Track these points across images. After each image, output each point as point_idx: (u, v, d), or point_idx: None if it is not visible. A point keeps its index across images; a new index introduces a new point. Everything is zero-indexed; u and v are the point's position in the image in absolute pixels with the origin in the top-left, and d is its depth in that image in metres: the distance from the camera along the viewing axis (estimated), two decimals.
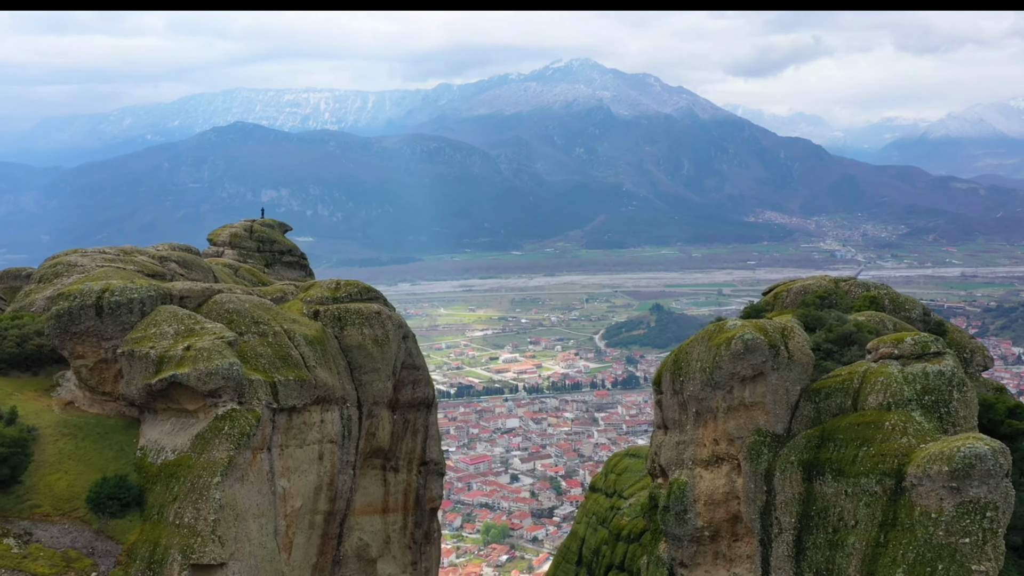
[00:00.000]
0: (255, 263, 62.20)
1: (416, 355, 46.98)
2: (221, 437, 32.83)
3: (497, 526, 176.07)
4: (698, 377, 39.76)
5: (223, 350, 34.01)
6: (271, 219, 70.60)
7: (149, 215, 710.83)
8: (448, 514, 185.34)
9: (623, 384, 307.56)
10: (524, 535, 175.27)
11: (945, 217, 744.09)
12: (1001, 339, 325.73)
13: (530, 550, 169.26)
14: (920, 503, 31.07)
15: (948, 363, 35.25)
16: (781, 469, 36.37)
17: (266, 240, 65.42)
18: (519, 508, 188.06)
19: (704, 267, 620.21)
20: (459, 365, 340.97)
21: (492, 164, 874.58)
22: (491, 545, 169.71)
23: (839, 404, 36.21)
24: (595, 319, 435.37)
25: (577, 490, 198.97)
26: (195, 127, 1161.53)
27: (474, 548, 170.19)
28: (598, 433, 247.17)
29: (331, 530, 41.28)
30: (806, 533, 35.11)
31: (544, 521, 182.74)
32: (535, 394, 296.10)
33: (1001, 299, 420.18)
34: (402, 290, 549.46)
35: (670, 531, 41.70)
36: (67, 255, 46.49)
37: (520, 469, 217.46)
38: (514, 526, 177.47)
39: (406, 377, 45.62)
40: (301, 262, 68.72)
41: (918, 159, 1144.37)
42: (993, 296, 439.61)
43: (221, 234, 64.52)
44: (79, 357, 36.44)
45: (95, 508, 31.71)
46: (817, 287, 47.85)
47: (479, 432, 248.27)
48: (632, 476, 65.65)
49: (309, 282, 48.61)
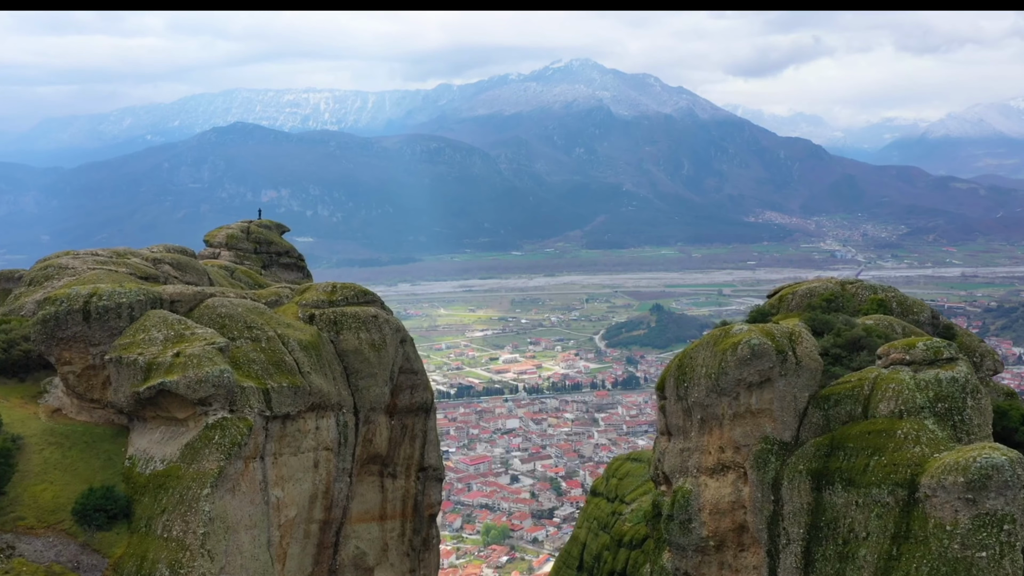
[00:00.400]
0: (252, 265, 60.97)
1: (414, 359, 45.96)
2: (211, 447, 31.75)
3: (497, 527, 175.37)
4: (703, 383, 38.71)
5: (214, 357, 32.95)
6: (268, 220, 69.31)
7: (149, 215, 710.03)
8: (448, 515, 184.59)
9: (623, 384, 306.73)
10: (524, 536, 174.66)
11: (945, 217, 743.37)
12: (1002, 339, 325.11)
13: (530, 551, 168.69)
14: (934, 515, 30.03)
15: (961, 369, 34.21)
16: (789, 478, 35.33)
17: (263, 241, 64.13)
18: (519, 509, 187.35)
19: (704, 267, 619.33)
20: (459, 365, 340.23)
21: (492, 164, 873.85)
22: (491, 546, 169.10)
23: (849, 411, 35.14)
24: (595, 319, 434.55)
25: (577, 491, 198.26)
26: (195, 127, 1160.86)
27: (474, 549, 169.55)
28: (598, 434, 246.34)
29: (327, 539, 40.31)
30: (815, 544, 34.07)
31: (544, 522, 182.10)
32: (535, 395, 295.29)
33: (1001, 299, 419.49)
34: (402, 290, 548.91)
35: (674, 540, 40.68)
36: (58, 257, 45.43)
37: (520, 470, 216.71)
38: (514, 527, 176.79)
39: (404, 382, 44.54)
40: (299, 263, 67.45)
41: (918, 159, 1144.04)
42: (994, 296, 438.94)
43: (217, 235, 63.20)
44: (66, 363, 35.41)
45: (81, 520, 30.64)
46: (823, 290, 46.76)
47: (479, 433, 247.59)
48: (634, 480, 64.85)
49: (305, 285, 47.53)
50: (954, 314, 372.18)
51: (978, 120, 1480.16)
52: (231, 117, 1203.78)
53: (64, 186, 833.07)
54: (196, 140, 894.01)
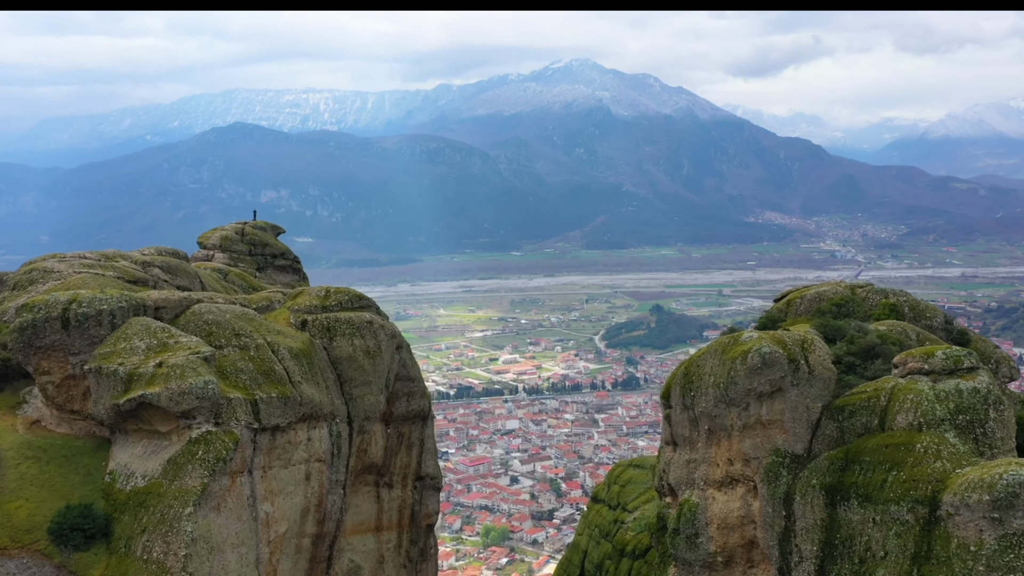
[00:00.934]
0: (246, 267, 59.38)
1: (411, 366, 44.44)
2: (195, 462, 30.09)
3: (497, 529, 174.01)
4: (711, 392, 37.16)
5: (198, 367, 31.30)
6: (263, 221, 67.40)
7: (148, 216, 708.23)
8: (447, 516, 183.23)
9: (623, 385, 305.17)
10: (524, 538, 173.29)
11: (945, 217, 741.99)
12: (1002, 340, 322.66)
13: (530, 552, 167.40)
14: (957, 534, 28.45)
15: (983, 380, 32.63)
16: (801, 493, 33.75)
17: (258, 243, 62.23)
18: (519, 510, 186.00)
19: (704, 267, 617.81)
20: (459, 366, 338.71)
21: (492, 164, 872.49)
22: (491, 548, 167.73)
23: (865, 423, 33.54)
24: (595, 320, 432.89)
25: (577, 492, 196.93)
26: (195, 128, 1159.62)
27: (474, 551, 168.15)
28: (598, 435, 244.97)
29: (319, 553, 38.77)
30: (829, 563, 32.49)
31: (544, 523, 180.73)
32: (535, 395, 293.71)
33: (1002, 299, 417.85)
34: (402, 291, 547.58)
35: (680, 555, 39.15)
36: (44, 260, 43.76)
37: (520, 471, 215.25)
38: (514, 528, 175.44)
39: (400, 389, 42.99)
40: (295, 266, 65.50)
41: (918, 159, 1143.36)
42: (994, 296, 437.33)
43: (211, 237, 61.32)
44: (45, 373, 33.74)
45: (57, 540, 28.98)
46: (833, 294, 45.12)
47: (479, 434, 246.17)
48: (636, 488, 63.39)
49: (297, 289, 45.88)
50: (955, 314, 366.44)
51: (978, 120, 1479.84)
52: (231, 117, 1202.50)
53: (63, 186, 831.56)
54: (195, 140, 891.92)
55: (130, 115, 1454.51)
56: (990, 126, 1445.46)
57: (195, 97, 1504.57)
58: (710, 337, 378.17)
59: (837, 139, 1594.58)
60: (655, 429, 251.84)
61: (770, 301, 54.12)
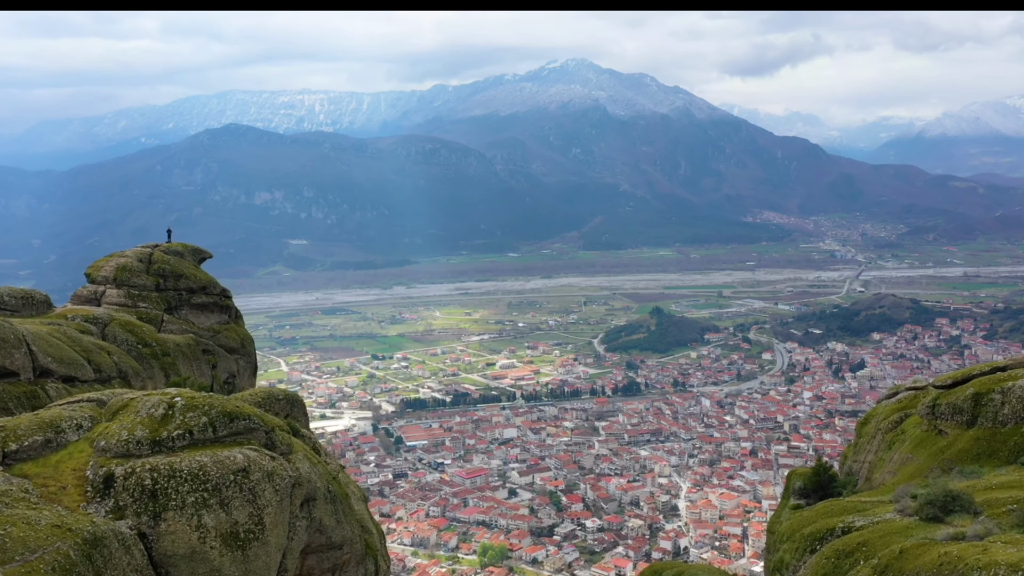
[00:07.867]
0: (151, 307, 45.48)
1: (336, 525, 24.57)
2: None
3: (495, 547, 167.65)
4: None
5: None
6: (181, 244, 52.04)
7: (141, 218, 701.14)
8: (443, 533, 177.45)
9: (623, 391, 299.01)
10: (523, 556, 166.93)
11: (944, 216, 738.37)
12: (1011, 342, 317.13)
13: (529, 572, 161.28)
14: None
15: None
16: None
17: (169, 275, 47.51)
18: (517, 526, 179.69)
19: (703, 268, 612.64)
20: (455, 371, 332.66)
21: (488, 165, 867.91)
22: (488, 568, 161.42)
23: None
24: (593, 322, 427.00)
25: (578, 506, 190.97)
26: (190, 129, 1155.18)
27: (470, 572, 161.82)
28: (599, 443, 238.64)
29: None
30: None
31: (544, 540, 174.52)
32: (533, 402, 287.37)
33: (1007, 300, 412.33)
34: (397, 293, 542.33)
35: None
36: None
37: (518, 483, 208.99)
38: (512, 547, 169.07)
39: (317, 565, 24.22)
40: (221, 303, 50.44)
41: (915, 158, 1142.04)
42: (998, 296, 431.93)
43: (104, 267, 46.30)
44: None
45: None
46: None
47: (475, 443, 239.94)
48: None
49: (123, 397, 22.25)
50: (961, 316, 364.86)
51: (974, 118, 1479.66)
52: (226, 119, 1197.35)
53: (56, 189, 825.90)
54: (188, 142, 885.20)
55: (125, 117, 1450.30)
56: (987, 124, 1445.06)
57: (190, 99, 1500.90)
58: (711, 340, 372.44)
59: (834, 138, 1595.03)
60: (657, 438, 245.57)
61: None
